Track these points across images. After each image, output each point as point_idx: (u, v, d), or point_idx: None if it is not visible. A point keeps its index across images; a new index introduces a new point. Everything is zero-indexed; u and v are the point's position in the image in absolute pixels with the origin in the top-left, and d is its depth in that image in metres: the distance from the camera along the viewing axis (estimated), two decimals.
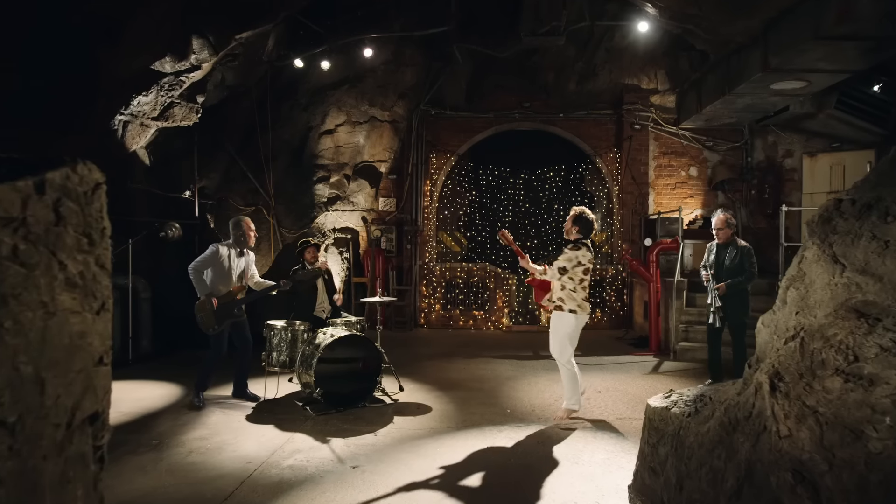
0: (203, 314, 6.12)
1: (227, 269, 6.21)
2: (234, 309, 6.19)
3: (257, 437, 5.23)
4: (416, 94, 11.78)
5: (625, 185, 11.94)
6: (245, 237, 6.32)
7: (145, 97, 8.47)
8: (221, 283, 6.18)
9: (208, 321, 6.13)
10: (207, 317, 6.11)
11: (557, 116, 12.09)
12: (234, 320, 6.23)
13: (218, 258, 6.16)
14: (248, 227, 6.36)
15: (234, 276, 6.26)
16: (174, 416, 5.88)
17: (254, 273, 6.51)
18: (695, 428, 3.21)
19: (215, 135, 10.58)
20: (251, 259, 6.52)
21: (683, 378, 7.57)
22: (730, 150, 12.12)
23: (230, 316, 6.18)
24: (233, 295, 6.20)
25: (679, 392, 3.82)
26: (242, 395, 6.52)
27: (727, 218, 6.92)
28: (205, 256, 6.14)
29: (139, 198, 9.39)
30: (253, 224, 6.46)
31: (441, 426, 5.59)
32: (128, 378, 7.41)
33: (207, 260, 6.14)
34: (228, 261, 6.22)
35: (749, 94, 9.44)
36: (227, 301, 6.15)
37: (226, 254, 6.21)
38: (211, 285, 6.14)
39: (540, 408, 6.21)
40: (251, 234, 6.38)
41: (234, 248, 6.29)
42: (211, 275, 6.16)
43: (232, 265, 6.25)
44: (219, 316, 6.11)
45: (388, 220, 12.23)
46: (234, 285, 6.25)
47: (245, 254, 6.41)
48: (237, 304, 6.21)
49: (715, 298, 6.77)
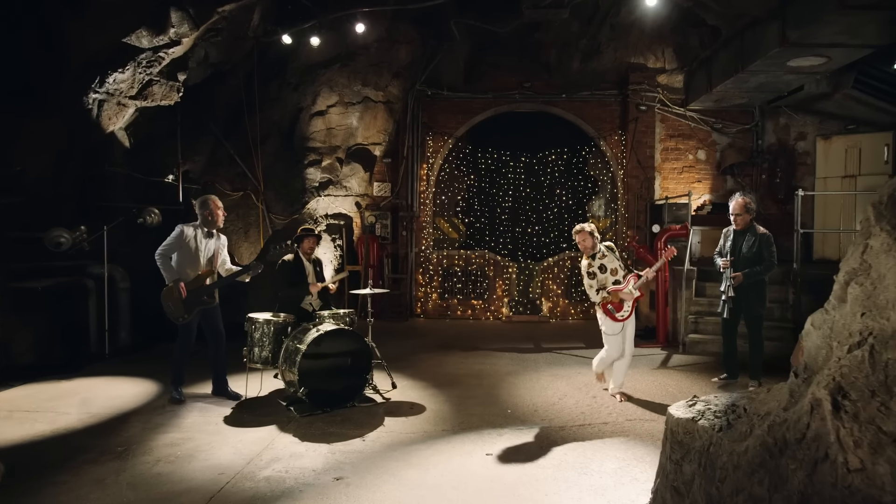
0: (171, 302, 5.67)
1: (195, 251, 5.77)
2: (203, 295, 5.75)
3: (234, 442, 4.77)
4: (411, 74, 11.24)
5: (630, 169, 11.43)
6: (213, 217, 5.84)
7: (121, 74, 7.95)
8: (189, 266, 5.74)
9: (177, 310, 5.68)
10: (176, 305, 5.66)
11: (560, 97, 11.55)
12: (205, 308, 5.80)
13: (184, 240, 5.72)
14: (216, 206, 5.87)
15: (202, 259, 5.82)
16: (147, 417, 5.42)
17: (225, 258, 6.05)
18: (728, 446, 2.76)
19: (200, 116, 10.05)
20: (223, 243, 6.05)
21: (695, 373, 7.12)
22: (739, 132, 11.60)
23: (200, 303, 5.74)
24: (202, 279, 5.76)
25: (705, 400, 3.36)
26: (223, 392, 6.07)
27: (746, 202, 6.43)
28: (170, 239, 5.71)
29: (118, 182, 8.88)
30: (221, 203, 5.97)
31: (436, 429, 5.13)
32: (103, 374, 6.95)
33: (173, 242, 5.70)
34: (195, 242, 5.78)
35: (763, 71, 8.91)
36: (195, 287, 5.71)
37: (192, 234, 5.76)
38: (178, 270, 5.71)
39: (543, 407, 5.75)
40: (219, 213, 5.90)
41: (201, 229, 5.84)
42: (178, 258, 5.72)
43: (200, 247, 5.80)
44: (188, 303, 5.67)
45: (382, 206, 11.73)
46: (203, 268, 5.81)
47: (215, 236, 5.95)
48: (207, 290, 5.77)
49: (729, 288, 6.31)
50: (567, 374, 7.04)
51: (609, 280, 5.92)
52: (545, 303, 11.54)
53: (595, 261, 5.93)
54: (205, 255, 5.84)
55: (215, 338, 5.96)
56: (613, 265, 5.95)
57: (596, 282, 5.89)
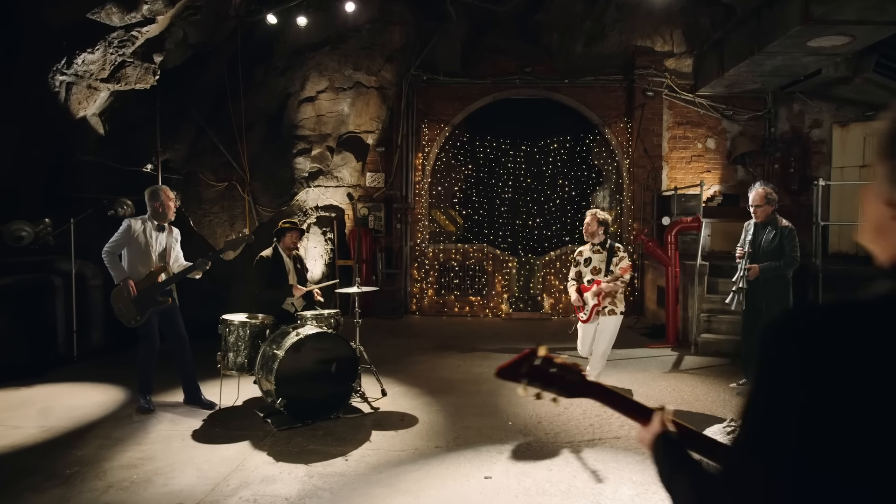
0: (121, 304, 5.17)
1: (145, 245, 5.28)
2: (156, 294, 5.22)
3: (200, 462, 4.23)
4: (405, 58, 10.64)
5: (636, 159, 10.86)
6: (164, 209, 5.35)
7: (91, 55, 7.37)
8: (140, 263, 5.25)
9: (128, 312, 5.18)
10: (127, 306, 5.17)
11: (562, 82, 10.96)
12: (161, 308, 5.28)
13: (132, 234, 5.22)
14: (168, 198, 5.38)
15: (153, 255, 5.32)
16: (108, 431, 4.88)
17: (178, 254, 5.54)
18: None
19: (180, 101, 9.46)
20: (175, 237, 5.54)
21: (711, 377, 6.58)
22: (751, 119, 11.04)
23: (153, 303, 5.22)
24: (154, 277, 5.25)
25: None
26: (196, 401, 5.53)
27: (767, 192, 5.88)
28: (117, 235, 5.22)
29: (91, 172, 8.30)
30: (173, 194, 5.47)
31: (428, 446, 4.59)
32: (69, 379, 6.40)
33: (121, 238, 5.21)
34: (145, 237, 5.28)
35: (782, 52, 8.33)
36: (147, 285, 5.20)
37: (140, 229, 5.27)
38: (128, 268, 5.22)
39: (547, 418, 5.22)
40: (171, 204, 5.41)
41: (150, 222, 5.34)
42: (127, 255, 5.25)
43: (150, 242, 5.31)
44: (140, 304, 5.16)
45: (375, 197, 11.16)
46: (155, 265, 5.30)
47: (167, 230, 5.45)
48: (160, 289, 5.25)
49: (742, 279, 5.78)
50: None
51: (584, 276, 5.73)
52: (547, 299, 10.99)
53: (586, 250, 5.74)
54: (156, 251, 5.35)
55: (178, 342, 5.45)
56: (600, 265, 5.63)
57: (577, 270, 5.78)
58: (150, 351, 5.36)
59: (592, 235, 5.66)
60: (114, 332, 7.73)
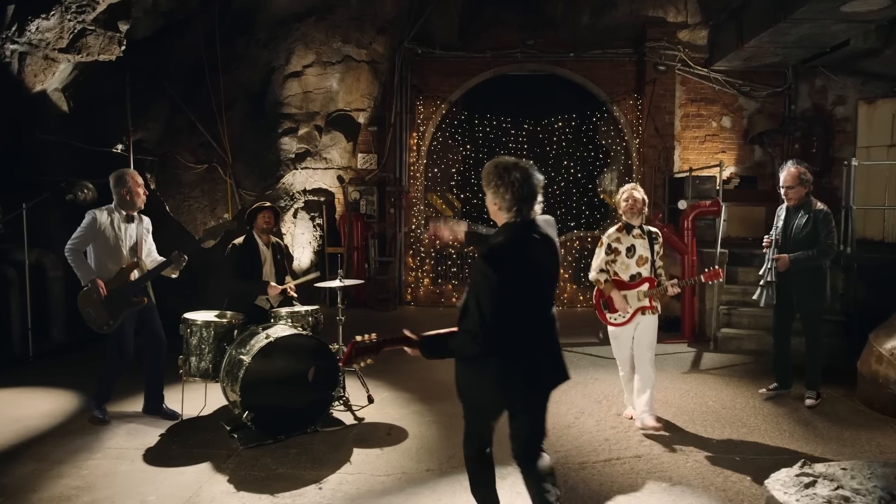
0: (91, 307, 4.49)
1: (114, 240, 4.63)
2: (130, 294, 4.56)
3: (146, 492, 3.57)
4: (398, 29, 9.87)
5: (646, 138, 10.12)
6: (132, 196, 4.68)
7: (46, 21, 6.60)
8: (110, 259, 4.60)
9: (99, 316, 4.50)
10: (97, 310, 4.49)
11: (567, 56, 10.20)
12: (136, 309, 4.63)
13: (98, 228, 4.56)
14: (136, 184, 4.70)
15: (124, 250, 4.67)
16: (49, 449, 4.22)
17: (151, 247, 4.90)
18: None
19: (154, 76, 8.70)
20: (146, 227, 4.89)
21: (735, 379, 5.92)
22: (770, 96, 10.30)
23: (127, 304, 4.56)
24: (126, 274, 4.60)
25: (825, 476, 2.15)
26: (157, 411, 4.88)
27: (800, 172, 5.16)
28: (81, 230, 4.55)
29: (54, 152, 7.57)
30: (141, 179, 4.77)
31: (418, 469, 3.93)
32: (20, 384, 5.72)
33: (86, 233, 4.55)
34: (113, 229, 4.63)
35: (811, 19, 7.59)
36: (119, 285, 4.54)
37: (106, 221, 4.61)
38: (96, 266, 4.56)
39: (556, 432, 4.57)
40: (140, 191, 4.72)
41: (118, 213, 4.69)
42: (94, 252, 4.58)
43: (120, 235, 4.66)
44: (112, 306, 4.49)
45: (367, 180, 10.44)
46: (127, 260, 4.65)
47: (137, 220, 4.79)
48: (134, 287, 4.59)
49: (770, 271, 5.09)
50: (581, 381, 5.85)
51: (629, 269, 4.58)
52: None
53: (628, 237, 4.59)
54: (127, 244, 4.69)
55: (154, 344, 4.80)
56: (645, 253, 4.59)
57: (612, 260, 4.60)
58: (117, 360, 4.68)
59: (639, 214, 4.56)
60: (77, 328, 7.05)
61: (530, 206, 2.57)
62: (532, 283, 2.55)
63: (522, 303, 2.51)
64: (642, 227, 4.62)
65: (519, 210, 2.56)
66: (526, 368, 2.56)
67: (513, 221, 2.57)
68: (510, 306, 2.44)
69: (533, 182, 2.57)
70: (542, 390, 2.66)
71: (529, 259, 2.52)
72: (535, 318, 2.60)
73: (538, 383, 2.63)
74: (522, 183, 2.55)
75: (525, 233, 2.55)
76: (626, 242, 4.59)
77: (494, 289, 2.39)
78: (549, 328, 2.66)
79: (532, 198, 2.57)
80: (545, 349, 2.65)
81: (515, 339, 2.52)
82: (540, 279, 2.59)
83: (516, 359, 2.55)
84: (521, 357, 2.56)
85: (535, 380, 2.61)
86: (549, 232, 2.65)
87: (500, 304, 2.40)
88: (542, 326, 2.63)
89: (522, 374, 2.55)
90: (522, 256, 2.51)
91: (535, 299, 2.60)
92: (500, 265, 2.43)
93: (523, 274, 2.49)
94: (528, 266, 2.51)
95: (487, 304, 2.39)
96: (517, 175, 2.56)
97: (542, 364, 2.63)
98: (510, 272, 2.43)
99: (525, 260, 2.51)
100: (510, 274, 2.43)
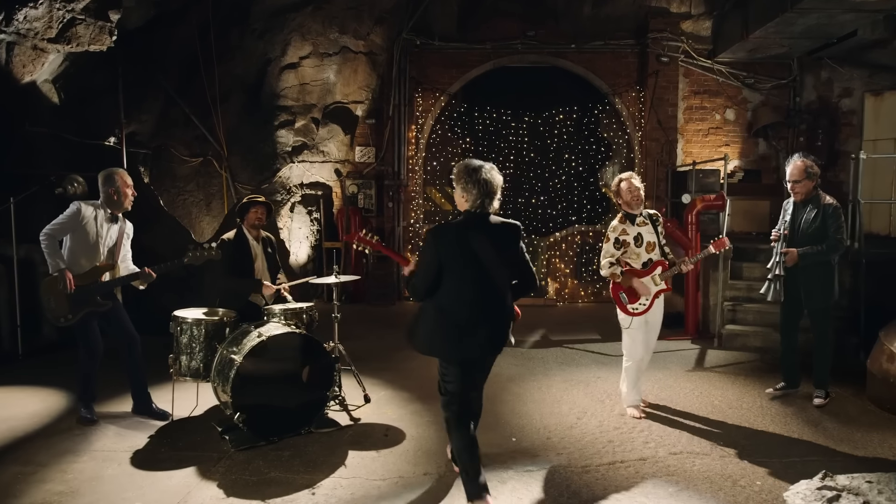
0: (53, 297, 4.37)
1: (94, 236, 4.50)
2: (95, 294, 4.44)
3: (131, 500, 3.43)
4: (397, 20, 9.69)
5: (649, 131, 9.96)
6: (119, 196, 4.56)
7: (34, 10, 6.43)
8: (85, 255, 4.47)
9: (59, 308, 4.38)
10: (59, 301, 4.36)
11: (568, 48, 10.03)
12: (97, 310, 4.50)
13: (80, 221, 4.43)
14: (124, 184, 4.58)
15: (101, 249, 4.54)
16: (34, 452, 4.08)
17: (127, 253, 4.73)
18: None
19: (147, 68, 8.53)
20: (128, 231, 4.74)
21: (741, 377, 5.78)
22: (774, 88, 10.13)
23: (89, 303, 4.44)
24: (97, 274, 4.47)
25: (849, 490, 2.01)
26: (146, 411, 4.74)
27: (807, 165, 5.01)
28: (63, 217, 4.42)
29: (45, 145, 7.41)
30: (131, 180, 4.63)
31: (415, 473, 3.79)
32: (8, 382, 5.58)
33: (67, 222, 4.41)
34: (96, 226, 4.51)
35: (818, 9, 7.41)
36: (88, 282, 4.41)
37: (91, 215, 4.48)
38: (69, 257, 4.42)
39: (557, 432, 4.43)
40: (128, 192, 4.59)
41: (103, 210, 4.56)
42: (71, 243, 4.45)
43: (100, 232, 4.53)
44: (74, 301, 4.36)
45: (365, 174, 10.28)
46: (102, 260, 4.51)
47: (120, 221, 4.66)
48: (102, 289, 4.47)
49: (778, 265, 4.94)
50: (584, 379, 5.71)
51: (641, 257, 4.60)
52: (552, 284, 10.18)
53: (633, 226, 4.60)
54: (106, 244, 4.56)
55: (127, 341, 4.66)
56: (652, 238, 4.62)
57: (620, 252, 4.61)
58: (89, 355, 4.58)
59: (640, 203, 4.63)
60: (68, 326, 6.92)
61: (491, 200, 3.20)
62: (468, 258, 3.12)
63: (453, 269, 3.12)
64: (642, 213, 4.66)
65: (482, 204, 3.17)
66: (454, 325, 3.14)
67: (472, 211, 3.18)
68: (441, 268, 3.12)
69: (495, 183, 3.19)
70: (469, 352, 3.18)
71: (472, 237, 3.13)
72: (470, 287, 3.14)
73: (464, 345, 3.15)
74: (487, 182, 3.15)
75: (476, 220, 3.18)
76: (632, 232, 4.62)
77: (427, 251, 3.15)
78: (487, 302, 3.18)
79: (493, 195, 3.19)
80: (481, 318, 3.17)
81: (446, 298, 3.15)
82: (477, 257, 3.12)
83: (448, 315, 3.15)
84: (451, 316, 3.15)
85: (459, 340, 3.14)
86: (502, 224, 3.24)
87: (430, 263, 3.13)
88: (479, 298, 3.16)
89: (447, 331, 3.15)
90: (464, 235, 3.13)
91: (470, 272, 3.14)
92: (437, 236, 3.16)
93: (459, 247, 3.12)
94: (464, 243, 3.12)
95: (421, 261, 3.19)
96: (483, 176, 3.15)
97: (473, 330, 3.15)
98: (445, 242, 3.13)
99: (464, 237, 3.13)
100: (444, 244, 3.13)
